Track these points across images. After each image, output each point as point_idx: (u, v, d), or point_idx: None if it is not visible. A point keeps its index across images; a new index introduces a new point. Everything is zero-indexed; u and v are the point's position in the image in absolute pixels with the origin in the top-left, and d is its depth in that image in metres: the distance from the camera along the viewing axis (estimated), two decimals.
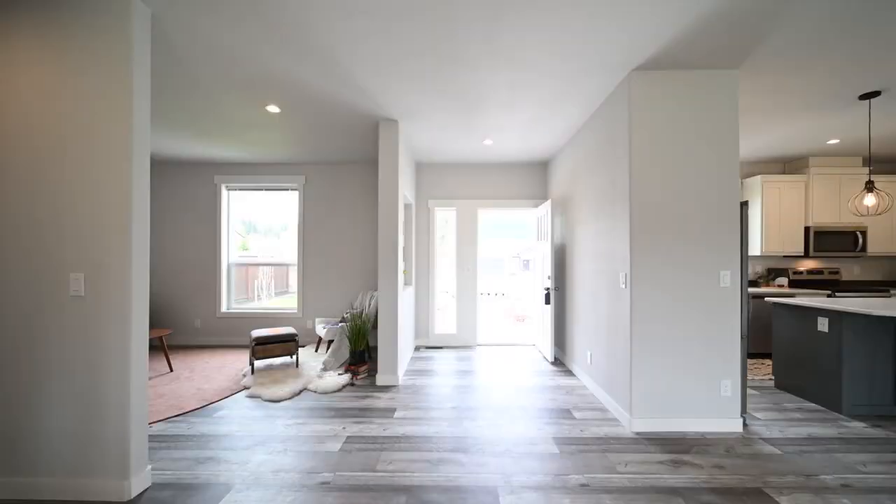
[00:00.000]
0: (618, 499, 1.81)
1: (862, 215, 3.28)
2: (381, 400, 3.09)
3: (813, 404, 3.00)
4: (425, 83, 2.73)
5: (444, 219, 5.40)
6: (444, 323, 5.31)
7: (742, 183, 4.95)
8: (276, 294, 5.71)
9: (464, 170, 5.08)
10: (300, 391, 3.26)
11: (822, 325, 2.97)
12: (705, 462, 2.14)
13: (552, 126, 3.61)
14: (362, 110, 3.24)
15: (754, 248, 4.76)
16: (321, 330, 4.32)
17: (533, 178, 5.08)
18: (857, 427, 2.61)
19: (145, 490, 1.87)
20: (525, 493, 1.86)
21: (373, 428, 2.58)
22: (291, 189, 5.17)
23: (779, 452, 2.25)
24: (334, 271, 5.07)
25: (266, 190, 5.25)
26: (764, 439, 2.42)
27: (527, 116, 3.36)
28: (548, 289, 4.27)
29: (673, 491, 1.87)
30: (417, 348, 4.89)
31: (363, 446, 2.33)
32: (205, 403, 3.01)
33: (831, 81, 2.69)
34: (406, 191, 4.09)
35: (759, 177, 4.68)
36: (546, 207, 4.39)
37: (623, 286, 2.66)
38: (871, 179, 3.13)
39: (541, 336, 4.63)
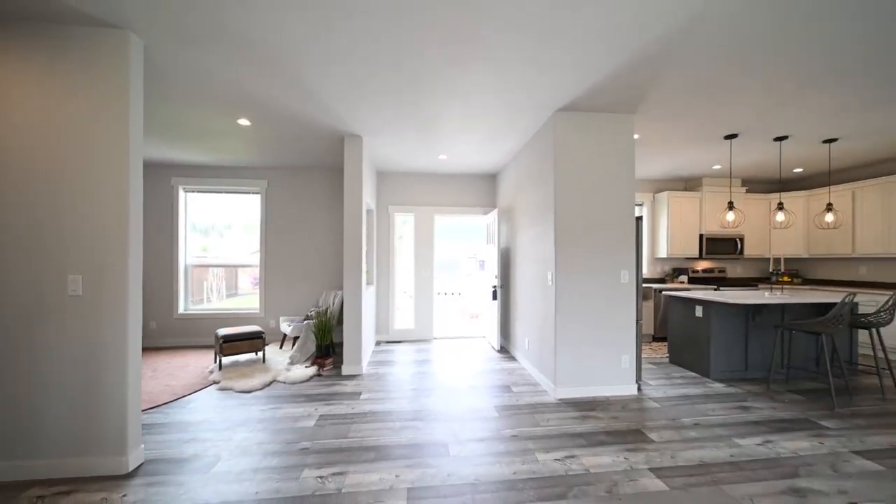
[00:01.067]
0: (537, 442, 2.40)
1: (724, 227, 4.24)
2: (348, 386, 3.47)
3: (692, 373, 3.87)
4: (389, 108, 3.17)
5: (404, 222, 5.83)
6: (403, 319, 5.74)
7: (654, 197, 5.95)
8: (227, 296, 5.79)
9: (421, 179, 5.56)
10: (270, 382, 3.53)
11: (698, 312, 3.85)
12: (605, 415, 2.81)
13: (498, 147, 4.21)
14: (329, 126, 3.59)
15: (662, 251, 5.76)
16: (286, 327, 4.56)
17: (483, 188, 5.69)
18: (718, 387, 3.46)
19: (140, 465, 2.13)
20: (469, 444, 2.38)
21: (342, 408, 2.97)
22: (253, 192, 5.31)
23: (658, 406, 3.00)
24: (297, 272, 5.30)
25: (227, 193, 5.34)
26: (651, 398, 3.17)
27: (476, 138, 3.92)
28: (495, 287, 4.88)
29: (578, 434, 2.50)
30: (378, 343, 5.28)
31: (335, 422, 2.72)
32: (176, 397, 3.19)
33: (702, 126, 3.55)
34: (368, 198, 4.48)
35: (666, 192, 5.67)
36: (494, 215, 5.00)
37: (550, 283, 3.30)
38: (731, 201, 4.07)
39: (489, 328, 5.24)
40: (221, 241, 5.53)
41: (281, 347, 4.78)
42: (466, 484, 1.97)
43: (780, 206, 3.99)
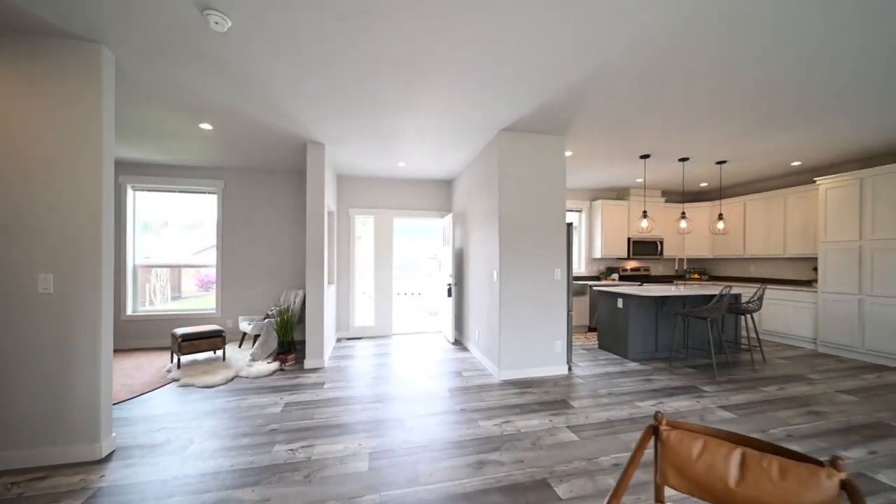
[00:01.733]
0: (481, 413, 2.83)
1: (640, 232, 5.00)
2: (311, 378, 3.70)
3: (615, 355, 4.55)
4: (351, 121, 3.47)
5: (363, 223, 6.08)
6: (363, 317, 5.99)
7: (590, 204, 6.72)
8: (172, 299, 5.70)
9: (381, 183, 5.85)
10: (233, 378, 3.67)
11: (619, 303, 4.54)
12: (539, 391, 3.32)
13: (452, 157, 4.64)
14: (293, 134, 3.80)
15: (597, 252, 6.53)
16: (246, 326, 4.65)
17: (440, 193, 6.11)
18: (633, 365, 4.14)
19: (113, 451, 2.26)
20: (423, 419, 2.76)
21: (307, 396, 3.22)
22: (209, 192, 5.30)
23: (583, 382, 3.57)
24: (256, 272, 5.36)
25: (180, 192, 5.27)
26: (578, 376, 3.75)
27: (432, 149, 4.32)
28: (449, 284, 5.31)
29: (515, 406, 2.97)
30: (339, 340, 5.49)
31: (300, 407, 2.97)
32: (135, 394, 3.24)
33: (621, 147, 4.22)
34: (329, 200, 4.70)
35: (600, 201, 6.45)
36: (449, 219, 5.43)
37: (496, 280, 3.78)
38: (645, 210, 4.83)
39: (445, 324, 5.66)
40: (174, 241, 5.44)
41: (240, 346, 4.85)
42: (419, 446, 2.35)
43: (683, 215, 4.80)
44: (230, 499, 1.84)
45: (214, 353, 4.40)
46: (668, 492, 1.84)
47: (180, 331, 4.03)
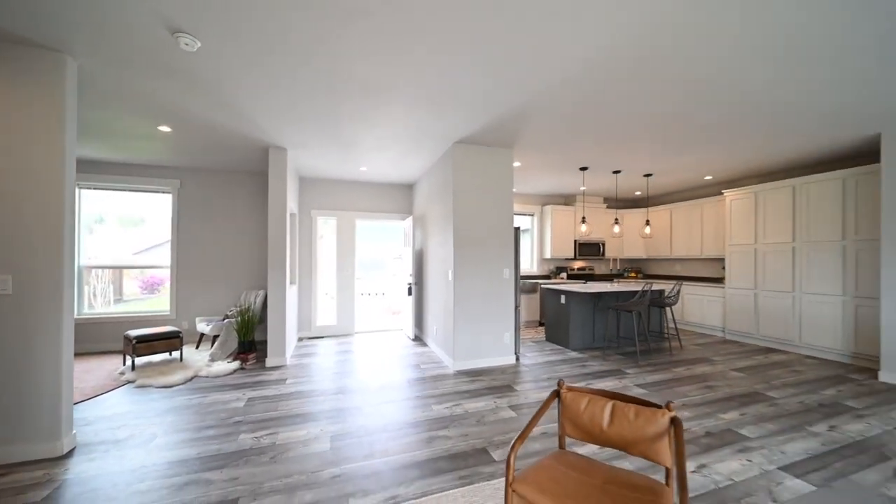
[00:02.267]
0: (435, 399, 3.16)
1: (581, 236, 5.58)
2: (274, 375, 3.84)
3: (558, 346, 5.07)
4: (314, 130, 3.65)
5: (325, 223, 6.20)
6: (325, 316, 6.11)
7: (541, 209, 7.28)
8: (114, 301, 5.52)
9: (343, 186, 6.01)
10: (192, 377, 3.71)
11: (562, 299, 5.07)
12: (488, 378, 3.71)
13: (411, 164, 4.93)
14: (254, 138, 3.91)
15: (547, 253, 7.10)
16: (204, 327, 4.64)
17: (401, 196, 6.37)
18: (573, 354, 4.66)
19: (74, 448, 2.33)
20: (381, 406, 3.03)
21: (269, 391, 3.37)
22: (164, 192, 5.19)
23: (528, 370, 4.01)
24: (214, 273, 5.32)
25: (131, 191, 5.12)
26: (524, 365, 4.19)
27: (392, 156, 4.58)
28: (410, 284, 5.59)
29: (466, 391, 3.33)
30: (300, 339, 5.59)
31: (264, 401, 3.12)
32: (88, 397, 3.22)
33: (562, 159, 4.73)
34: (291, 202, 4.81)
35: (550, 206, 7.02)
36: (409, 221, 5.72)
37: (451, 279, 4.12)
38: (584, 216, 5.41)
39: (406, 321, 5.93)
40: (114, 240, 5.25)
41: (197, 348, 4.82)
42: (377, 429, 2.62)
43: (616, 221, 5.44)
44: (200, 480, 2.02)
45: (170, 354, 4.37)
46: (568, 440, 2.28)
47: (135, 332, 3.98)
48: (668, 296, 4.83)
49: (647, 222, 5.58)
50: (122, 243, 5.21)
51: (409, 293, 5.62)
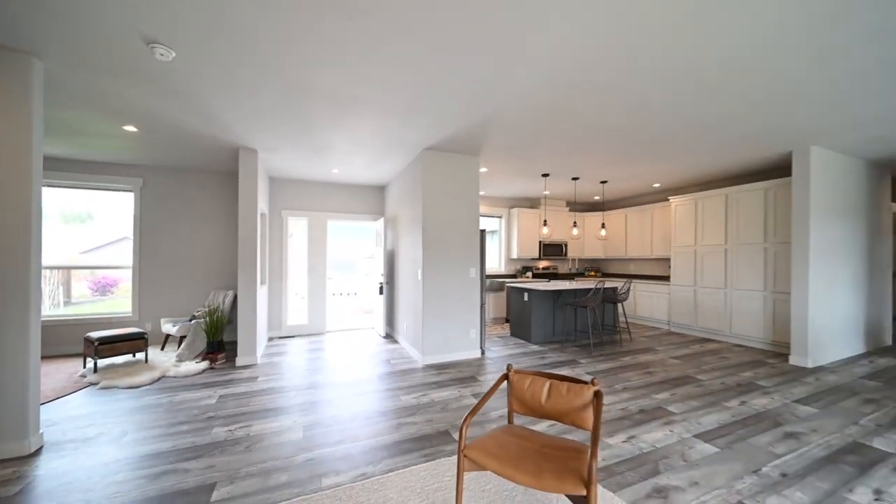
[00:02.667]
0: (404, 391, 3.37)
1: (544, 237, 5.97)
2: (245, 373, 3.90)
3: (522, 340, 5.42)
4: (286, 135, 3.75)
5: (296, 225, 6.23)
6: (296, 316, 6.14)
7: (509, 212, 7.65)
8: (63, 304, 5.32)
9: (315, 187, 6.08)
10: (160, 378, 3.71)
11: (525, 297, 5.42)
12: (455, 371, 3.96)
13: (383, 168, 5.10)
14: (225, 140, 3.95)
15: (514, 254, 7.47)
16: (170, 328, 4.59)
17: (373, 197, 6.51)
18: (535, 348, 5.02)
19: (41, 447, 2.35)
20: (352, 398, 3.21)
21: (241, 389, 3.45)
22: (125, 191, 5.06)
23: (492, 362, 4.30)
24: (180, 273, 5.25)
25: (90, 189, 4.95)
26: (489, 358, 4.48)
27: (363, 160, 4.74)
28: (381, 283, 5.76)
29: (433, 383, 3.56)
30: (271, 339, 5.61)
31: (236, 398, 3.21)
32: (50, 399, 3.17)
33: (525, 166, 5.07)
34: (261, 202, 4.85)
35: (516, 209, 7.40)
36: (381, 223, 5.87)
37: (420, 278, 4.34)
38: (545, 219, 5.80)
39: (378, 319, 6.08)
40: (58, 240, 5.07)
41: (163, 349, 4.75)
42: (348, 418, 2.80)
43: (574, 224, 5.87)
44: (177, 469, 2.12)
45: (134, 356, 4.31)
46: (520, 419, 2.56)
47: (97, 334, 3.91)
48: (620, 293, 5.30)
49: (603, 225, 6.05)
50: (68, 242, 5.01)
51: (381, 292, 5.78)
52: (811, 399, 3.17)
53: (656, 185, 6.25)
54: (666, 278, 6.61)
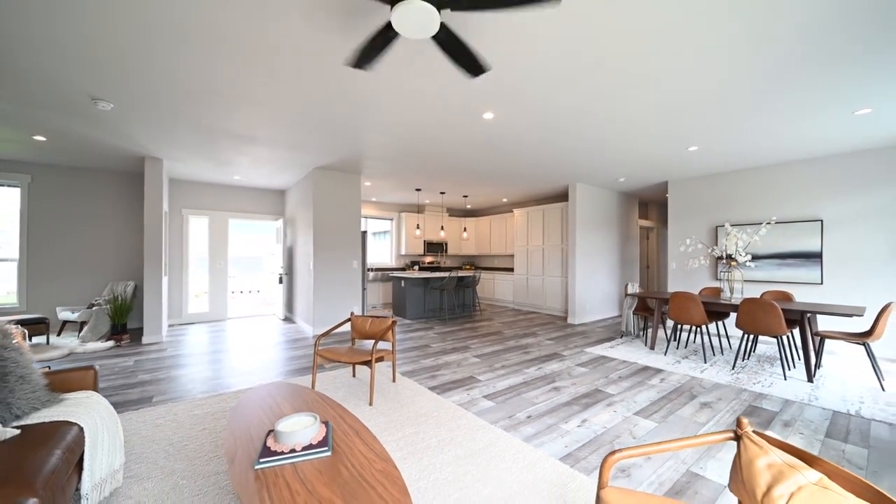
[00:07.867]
0: (294, 349, 4.60)
1: (418, 238, 7.66)
2: (153, 348, 4.66)
3: (399, 317, 6.98)
4: (193, 152, 4.63)
5: (198, 223, 6.79)
6: (197, 304, 6.74)
7: (399, 215, 9.17)
8: None
9: (217, 189, 6.75)
10: (68, 354, 4.28)
11: (403, 284, 7.00)
12: (338, 336, 5.30)
13: (282, 179, 6.14)
14: (132, 151, 4.63)
15: (402, 250, 9.04)
16: (69, 315, 4.98)
17: (275, 200, 7.40)
18: (408, 321, 6.60)
19: None
20: (252, 355, 4.33)
21: (153, 356, 4.27)
22: (10, 186, 5.18)
23: None
24: (75, 265, 5.52)
25: None
26: None
27: (264, 173, 5.74)
28: (280, 274, 6.76)
29: (319, 345, 4.86)
30: (171, 325, 6.17)
31: (151, 361, 4.06)
32: None
33: (401, 182, 6.61)
34: (164, 202, 5.48)
35: (404, 213, 8.96)
36: (281, 222, 6.85)
37: (312, 269, 5.56)
38: (418, 224, 7.47)
39: (278, 306, 7.03)
40: None
41: (59, 335, 5.09)
42: (248, 368, 3.95)
43: (442, 228, 7.66)
44: (117, 394, 3.08)
45: (31, 339, 4.66)
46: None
47: None
48: (468, 280, 7.22)
49: (465, 229, 7.98)
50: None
51: (280, 282, 6.77)
52: (566, 338, 5.32)
53: (504, 199, 8.41)
54: (510, 269, 8.86)
